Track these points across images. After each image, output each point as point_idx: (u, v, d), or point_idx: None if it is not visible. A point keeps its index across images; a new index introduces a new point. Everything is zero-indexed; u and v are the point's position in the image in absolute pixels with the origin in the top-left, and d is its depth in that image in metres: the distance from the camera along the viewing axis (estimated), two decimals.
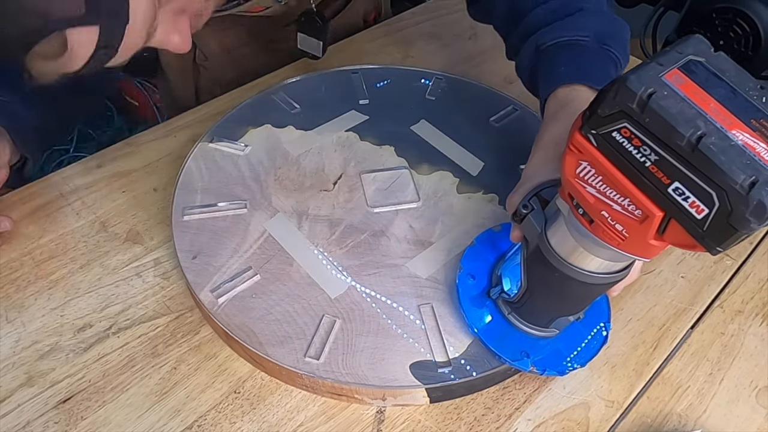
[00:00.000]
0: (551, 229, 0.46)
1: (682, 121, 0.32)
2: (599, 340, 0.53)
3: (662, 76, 0.33)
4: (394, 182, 0.69)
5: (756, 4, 0.71)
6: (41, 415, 0.52)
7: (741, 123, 0.33)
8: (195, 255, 0.60)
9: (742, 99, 0.34)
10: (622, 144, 0.35)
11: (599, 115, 0.35)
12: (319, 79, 0.82)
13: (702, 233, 0.33)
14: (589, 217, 0.40)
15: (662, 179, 0.34)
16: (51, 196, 0.69)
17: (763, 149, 0.32)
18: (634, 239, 0.38)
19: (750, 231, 0.32)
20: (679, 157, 0.33)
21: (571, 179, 0.39)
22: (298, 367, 0.52)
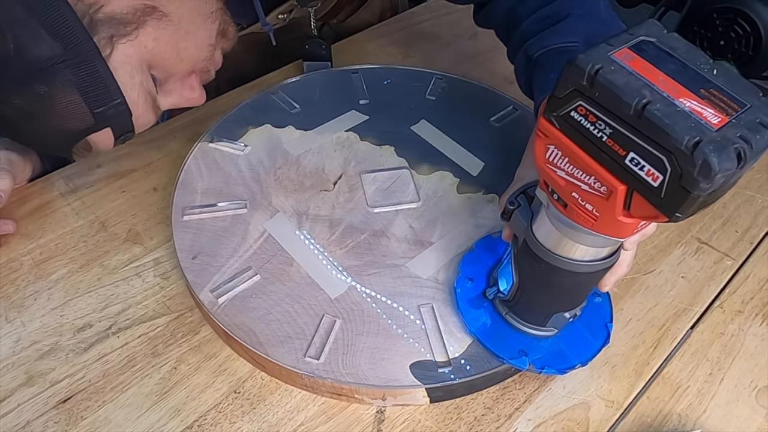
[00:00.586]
0: (536, 222, 0.47)
1: (628, 91, 0.33)
2: (601, 339, 0.53)
3: (611, 54, 0.35)
4: (394, 182, 0.69)
5: (757, 4, 0.71)
6: (41, 415, 0.52)
7: (689, 92, 0.34)
8: (195, 255, 0.60)
9: (693, 72, 0.35)
10: (580, 122, 0.36)
11: (556, 96, 0.37)
12: (319, 79, 0.82)
13: (661, 201, 0.34)
14: (563, 201, 0.41)
15: (619, 151, 0.35)
16: (51, 196, 0.69)
17: (711, 114, 0.33)
18: (604, 218, 0.39)
19: (702, 192, 0.33)
20: (629, 127, 0.34)
21: (542, 165, 0.41)
22: (298, 367, 0.52)
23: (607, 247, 0.45)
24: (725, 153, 0.31)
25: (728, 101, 0.34)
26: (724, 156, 0.31)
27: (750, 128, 0.33)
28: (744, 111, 0.34)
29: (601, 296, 0.56)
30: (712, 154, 0.31)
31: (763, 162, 0.77)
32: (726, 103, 0.34)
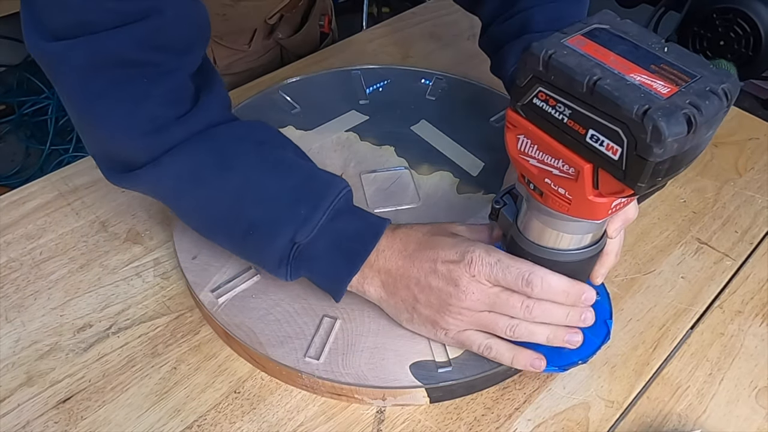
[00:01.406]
0: (520, 217, 0.48)
1: (580, 71, 0.35)
2: (600, 335, 0.53)
3: (564, 41, 0.37)
4: (394, 182, 0.69)
5: (756, 4, 0.71)
6: (41, 415, 0.52)
7: (640, 68, 0.36)
8: (195, 255, 0.60)
9: (644, 51, 0.37)
10: (542, 108, 0.38)
11: (518, 86, 0.39)
12: (319, 79, 0.82)
13: (623, 173, 0.36)
14: (539, 189, 0.43)
15: (579, 131, 0.37)
16: (51, 196, 0.69)
17: (660, 85, 0.35)
18: (577, 200, 0.40)
19: (657, 158, 0.34)
20: (585, 105, 0.36)
21: (515, 156, 0.42)
22: (299, 367, 0.52)
23: (589, 234, 0.46)
24: (674, 117, 0.33)
25: (678, 74, 0.36)
26: (673, 120, 0.33)
27: (699, 95, 0.34)
28: (694, 81, 0.35)
29: (599, 293, 0.56)
30: (661, 119, 0.33)
31: (762, 162, 0.77)
32: (676, 75, 0.36)
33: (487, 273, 0.47)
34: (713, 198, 0.72)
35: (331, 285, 0.53)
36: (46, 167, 2.04)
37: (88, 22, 0.46)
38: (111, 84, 0.48)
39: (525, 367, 0.50)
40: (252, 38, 0.94)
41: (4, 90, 2.17)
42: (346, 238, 0.51)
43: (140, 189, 0.56)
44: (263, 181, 0.52)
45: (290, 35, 0.98)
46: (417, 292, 0.51)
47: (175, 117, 0.51)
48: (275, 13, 0.93)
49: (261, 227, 0.51)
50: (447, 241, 0.50)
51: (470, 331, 0.51)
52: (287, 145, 0.57)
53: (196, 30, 0.52)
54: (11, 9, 1.83)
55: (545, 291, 0.47)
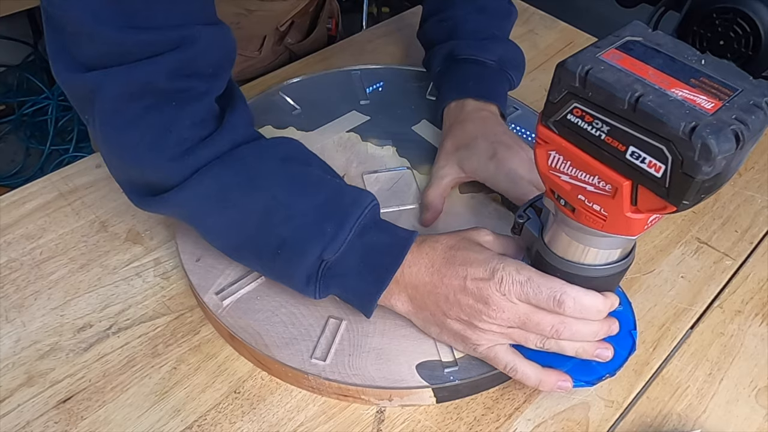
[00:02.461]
0: (547, 232, 0.47)
1: (620, 87, 0.34)
2: (626, 347, 0.52)
3: (599, 56, 0.36)
4: (397, 183, 0.69)
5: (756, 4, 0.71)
6: (41, 415, 0.52)
7: (680, 82, 0.35)
8: (198, 257, 0.60)
9: (681, 64, 0.36)
10: (577, 124, 0.37)
11: (551, 101, 0.38)
12: (320, 79, 0.82)
13: (666, 191, 0.35)
14: (571, 205, 0.41)
15: (618, 147, 0.36)
16: (51, 196, 0.69)
17: (704, 100, 0.34)
18: (613, 216, 0.39)
19: (705, 175, 0.33)
20: (625, 122, 0.35)
21: (545, 172, 0.41)
22: (305, 368, 0.52)
23: (619, 249, 0.45)
24: (723, 134, 0.32)
25: (719, 87, 0.35)
26: (722, 137, 0.32)
27: (744, 110, 0.34)
28: (736, 95, 0.35)
29: (622, 304, 0.54)
30: (710, 136, 0.32)
31: (762, 161, 0.77)
32: (717, 89, 0.35)
33: (517, 292, 0.47)
34: (713, 198, 0.72)
35: (360, 301, 0.52)
36: (46, 167, 2.04)
37: (120, 53, 0.46)
38: (142, 111, 0.49)
39: (551, 389, 0.50)
40: (262, 45, 0.94)
41: (4, 90, 2.17)
42: (374, 254, 0.51)
43: (168, 212, 0.56)
44: (290, 199, 0.51)
45: (300, 40, 0.98)
46: (446, 309, 0.50)
47: (201, 139, 0.51)
48: (287, 20, 0.93)
49: (289, 246, 0.51)
50: (475, 257, 0.49)
51: (499, 348, 0.50)
52: (312, 161, 0.57)
53: (224, 55, 0.52)
54: (11, 9, 1.83)
55: (577, 310, 0.46)
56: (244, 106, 0.56)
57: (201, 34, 0.48)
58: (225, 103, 0.54)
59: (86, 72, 0.47)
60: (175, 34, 0.47)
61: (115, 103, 0.48)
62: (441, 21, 0.75)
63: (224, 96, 0.55)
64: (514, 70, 0.73)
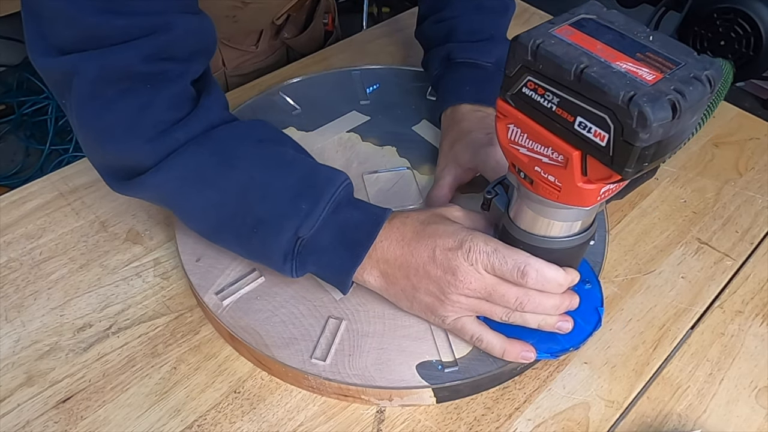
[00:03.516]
0: (512, 207, 0.49)
1: (567, 59, 0.36)
2: (592, 323, 0.54)
3: (551, 31, 0.38)
4: (397, 183, 0.69)
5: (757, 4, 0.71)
6: (41, 415, 0.52)
7: (626, 56, 0.37)
8: (198, 257, 0.60)
9: (630, 40, 0.38)
10: (531, 97, 0.39)
11: (508, 75, 0.40)
12: (320, 79, 0.82)
13: (610, 159, 0.37)
14: (530, 178, 0.43)
15: (567, 118, 0.37)
16: (51, 196, 0.69)
17: (646, 72, 0.36)
18: (567, 187, 0.41)
19: (643, 142, 0.35)
20: (572, 92, 0.36)
21: (506, 146, 0.43)
22: (305, 368, 0.52)
23: (579, 221, 0.46)
24: (659, 103, 0.34)
25: (664, 61, 0.37)
26: (658, 106, 0.34)
27: (683, 81, 0.35)
28: (678, 68, 0.36)
29: (591, 282, 0.57)
30: (646, 104, 0.34)
31: (762, 162, 0.77)
32: (661, 63, 0.36)
33: (484, 262, 0.48)
34: (714, 198, 0.72)
35: (336, 277, 0.53)
36: (46, 167, 2.04)
37: (97, 37, 0.47)
38: (118, 95, 0.49)
39: (515, 359, 0.52)
40: (259, 39, 0.94)
41: (4, 90, 2.18)
42: (348, 230, 0.52)
43: (145, 195, 0.56)
44: (265, 178, 0.52)
45: (296, 35, 0.99)
46: (416, 281, 0.51)
47: (177, 120, 0.51)
48: (283, 14, 0.93)
49: (265, 224, 0.51)
50: (445, 228, 0.51)
51: (465, 319, 0.52)
52: (286, 142, 0.58)
53: (201, 42, 0.53)
54: (11, 9, 1.83)
55: (539, 282, 0.48)
56: (218, 90, 0.57)
57: (178, 21, 0.49)
58: (201, 87, 0.55)
59: (62, 56, 0.48)
60: (152, 21, 0.48)
61: (92, 86, 0.49)
62: (438, 21, 0.75)
63: (200, 80, 0.55)
64: None
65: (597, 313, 0.54)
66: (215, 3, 0.52)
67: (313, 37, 1.00)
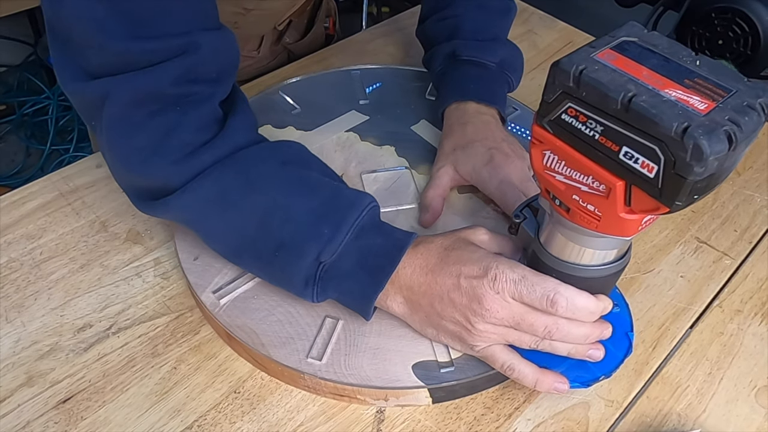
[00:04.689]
0: (543, 232, 0.47)
1: (613, 87, 0.34)
2: (623, 349, 0.52)
3: (593, 56, 0.36)
4: (395, 182, 0.69)
5: (755, 4, 0.71)
6: (41, 415, 0.52)
7: (673, 83, 0.35)
8: (196, 256, 0.60)
9: (676, 65, 0.36)
10: (571, 124, 0.37)
11: (546, 101, 0.38)
12: (319, 79, 0.82)
13: (659, 191, 0.35)
14: (566, 205, 0.42)
15: (612, 147, 0.36)
16: (51, 196, 0.69)
17: (697, 101, 0.34)
18: (607, 216, 0.39)
19: (697, 176, 0.33)
20: (619, 122, 0.35)
21: (540, 172, 0.41)
22: (301, 368, 0.52)
23: (615, 249, 0.45)
24: (715, 135, 0.32)
25: (713, 88, 0.35)
26: (714, 138, 0.32)
27: (738, 111, 0.34)
28: (730, 96, 0.35)
29: (619, 306, 0.55)
30: (702, 137, 0.32)
31: (761, 161, 0.77)
32: (711, 90, 0.35)
33: (511, 290, 0.47)
34: (712, 197, 0.72)
35: (357, 303, 0.53)
36: (47, 167, 2.04)
37: (126, 61, 0.47)
38: (147, 117, 0.50)
39: (548, 390, 0.50)
40: (260, 44, 0.94)
41: (4, 90, 2.17)
42: (370, 256, 0.51)
43: (170, 216, 0.56)
44: (288, 202, 0.52)
45: (297, 39, 0.99)
46: (440, 309, 0.50)
47: (204, 143, 0.52)
48: (285, 19, 0.93)
49: (287, 248, 0.51)
50: (470, 256, 0.50)
51: (496, 347, 0.50)
52: (312, 164, 0.57)
53: (228, 60, 0.53)
54: (11, 9, 1.83)
55: (570, 310, 0.46)
56: (247, 109, 0.56)
57: (204, 40, 0.49)
58: (228, 107, 0.55)
59: (93, 80, 0.48)
60: (179, 42, 0.48)
61: (123, 109, 0.49)
62: (441, 19, 0.75)
63: (228, 100, 0.55)
64: (513, 72, 0.73)
65: (627, 338, 0.52)
66: (218, 10, 0.52)
67: (314, 42, 1.00)
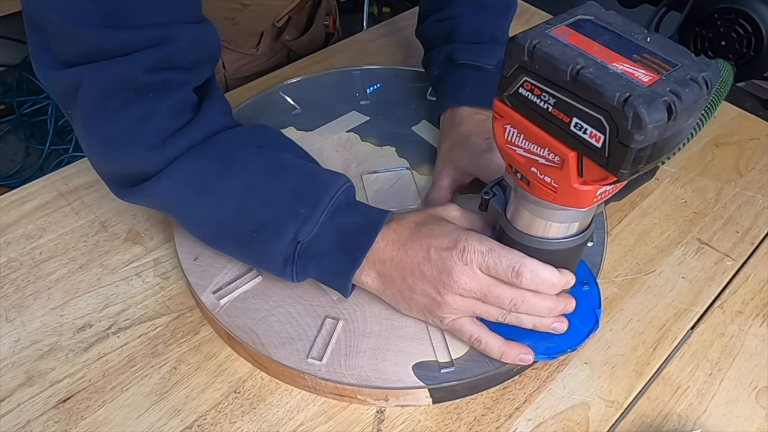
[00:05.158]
0: (509, 207, 0.49)
1: (563, 60, 0.36)
2: (589, 324, 0.53)
3: (549, 32, 0.38)
4: (396, 183, 0.69)
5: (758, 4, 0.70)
6: (41, 415, 0.52)
7: (622, 57, 0.37)
8: (196, 256, 0.60)
9: (627, 41, 0.38)
10: (527, 97, 0.39)
11: (504, 76, 0.40)
12: (320, 79, 0.82)
13: (606, 160, 0.37)
14: (526, 178, 0.43)
15: (563, 119, 0.37)
16: (51, 196, 0.69)
17: (642, 73, 0.36)
18: (563, 188, 0.41)
19: (638, 144, 0.35)
20: (569, 93, 0.36)
21: (503, 146, 0.43)
22: (301, 368, 0.52)
23: (576, 222, 0.46)
24: (654, 105, 0.34)
25: (660, 63, 0.36)
26: (653, 107, 0.34)
27: (680, 83, 0.35)
28: (675, 69, 0.36)
29: (588, 284, 0.56)
30: (641, 105, 0.34)
31: (763, 162, 0.77)
32: (658, 64, 0.36)
33: (479, 261, 0.48)
34: (714, 198, 0.72)
35: (336, 281, 0.53)
36: (46, 167, 2.04)
37: (100, 50, 0.47)
38: (121, 105, 0.50)
39: (513, 361, 0.52)
40: (259, 41, 0.94)
41: (3, 90, 2.17)
42: (347, 234, 0.52)
43: (148, 202, 0.56)
44: (265, 184, 0.52)
45: (297, 37, 0.99)
46: (411, 282, 0.51)
47: (179, 128, 0.52)
48: (283, 16, 0.93)
49: (264, 229, 0.52)
50: (440, 229, 0.51)
51: (463, 320, 0.52)
52: (287, 147, 0.58)
53: (204, 52, 0.53)
54: (11, 9, 1.83)
55: (534, 282, 0.48)
56: (220, 95, 0.57)
57: (181, 32, 0.49)
58: (203, 93, 0.55)
59: (67, 69, 0.48)
60: (154, 33, 0.48)
61: (96, 97, 0.49)
62: (439, 21, 0.75)
63: (203, 87, 0.55)
64: None
65: (594, 314, 0.54)
66: (214, 5, 0.52)
67: (314, 40, 1.00)
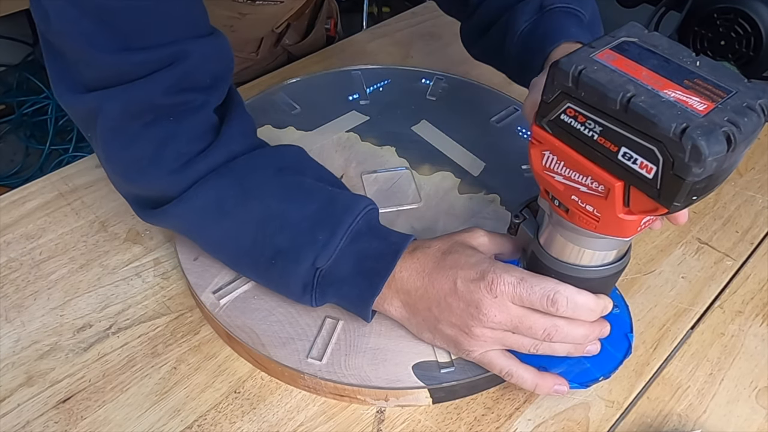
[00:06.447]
0: (542, 232, 0.47)
1: (612, 87, 0.34)
2: (622, 350, 0.52)
3: (593, 56, 0.36)
4: (395, 183, 0.69)
5: (757, 4, 0.71)
6: (41, 415, 0.52)
7: (673, 84, 0.35)
8: (196, 256, 0.60)
9: (676, 65, 0.36)
10: (570, 124, 0.37)
11: (545, 101, 0.38)
12: (320, 79, 0.82)
13: (657, 192, 0.35)
14: (565, 206, 0.41)
15: (610, 148, 0.36)
16: (50, 196, 0.69)
17: (696, 101, 0.34)
18: (606, 217, 0.39)
19: (695, 177, 0.33)
20: (617, 122, 0.34)
21: (540, 172, 0.41)
22: (301, 368, 0.52)
23: (614, 250, 0.45)
24: (713, 136, 0.32)
25: (713, 89, 0.35)
26: (713, 139, 0.32)
27: (737, 112, 0.33)
28: (730, 97, 0.34)
29: (619, 307, 0.55)
30: (700, 138, 0.32)
31: (763, 162, 0.77)
32: (711, 91, 0.35)
33: (510, 293, 0.46)
34: (714, 198, 0.72)
35: (356, 307, 0.53)
36: (46, 167, 2.04)
37: (118, 74, 0.48)
38: (142, 128, 0.50)
39: (548, 393, 0.50)
40: (259, 46, 0.94)
41: (4, 90, 2.17)
42: (366, 260, 0.51)
43: (170, 224, 0.56)
44: (283, 209, 0.52)
45: (297, 41, 0.98)
46: (438, 314, 0.50)
47: (199, 152, 0.52)
48: (282, 23, 0.93)
49: (283, 255, 0.51)
50: (466, 259, 0.49)
51: (493, 353, 0.50)
52: (308, 169, 0.57)
53: (220, 65, 0.53)
54: (11, 9, 1.83)
55: (570, 309, 0.46)
56: (244, 113, 0.56)
57: (194, 47, 0.49)
58: (224, 112, 0.55)
59: (87, 93, 0.48)
60: (168, 51, 0.48)
61: (116, 121, 0.49)
62: None
63: (223, 105, 0.55)
64: (599, 31, 0.67)
65: (627, 339, 0.52)
66: (211, 14, 0.52)
67: (315, 43, 1.00)
